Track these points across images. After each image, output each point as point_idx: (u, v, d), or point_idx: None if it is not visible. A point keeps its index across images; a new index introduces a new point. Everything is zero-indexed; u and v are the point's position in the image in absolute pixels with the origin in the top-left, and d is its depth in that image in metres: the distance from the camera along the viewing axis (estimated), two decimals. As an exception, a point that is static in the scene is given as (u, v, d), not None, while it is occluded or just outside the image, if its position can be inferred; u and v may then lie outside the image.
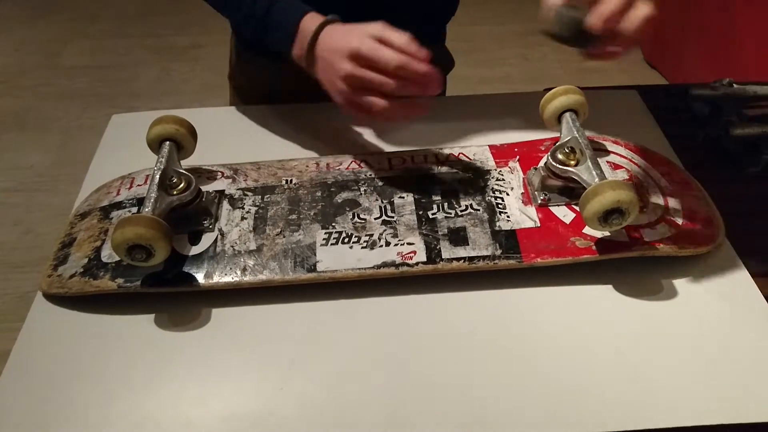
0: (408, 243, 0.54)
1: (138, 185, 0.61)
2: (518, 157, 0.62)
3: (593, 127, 0.63)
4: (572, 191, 0.56)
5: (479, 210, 0.57)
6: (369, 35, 0.52)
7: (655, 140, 0.69)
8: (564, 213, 0.56)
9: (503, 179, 0.60)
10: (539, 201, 0.57)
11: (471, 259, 0.53)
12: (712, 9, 1.81)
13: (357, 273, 0.52)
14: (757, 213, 0.63)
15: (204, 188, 0.59)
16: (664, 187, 0.59)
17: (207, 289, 0.52)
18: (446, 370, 0.48)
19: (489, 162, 0.62)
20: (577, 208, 0.53)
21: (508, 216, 0.56)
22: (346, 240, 0.54)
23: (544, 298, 0.53)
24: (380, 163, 0.62)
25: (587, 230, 0.54)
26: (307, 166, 0.62)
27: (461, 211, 0.56)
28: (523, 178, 0.60)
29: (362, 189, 0.59)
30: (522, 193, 0.58)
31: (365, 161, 0.62)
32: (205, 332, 0.51)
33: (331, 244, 0.54)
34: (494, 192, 0.58)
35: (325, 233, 0.55)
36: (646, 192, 0.58)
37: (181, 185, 0.55)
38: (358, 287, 0.53)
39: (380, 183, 0.60)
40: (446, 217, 0.56)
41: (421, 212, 0.56)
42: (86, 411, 0.46)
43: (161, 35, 2.34)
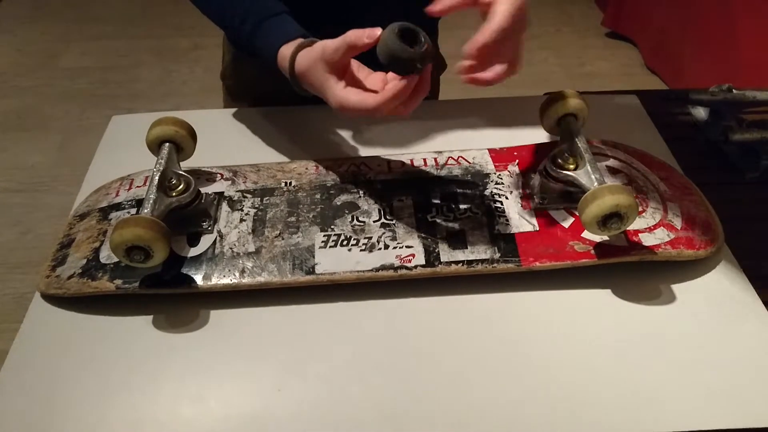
0: (407, 246, 0.54)
1: (137, 186, 0.61)
2: (518, 161, 0.62)
3: (593, 132, 0.63)
4: (571, 195, 0.56)
5: (478, 213, 0.57)
6: (335, 105, 0.51)
7: (655, 145, 0.69)
8: (563, 217, 0.56)
9: (502, 183, 0.60)
10: (538, 205, 0.57)
11: (470, 263, 0.53)
12: (712, 15, 1.81)
13: (355, 275, 0.52)
14: (756, 218, 0.63)
15: (203, 190, 0.58)
16: (663, 192, 0.59)
17: (205, 291, 0.52)
18: (444, 373, 0.48)
19: (488, 165, 0.62)
20: (576, 212, 0.53)
21: (507, 220, 0.56)
22: (345, 242, 0.54)
23: (543, 302, 0.53)
24: (380, 166, 0.62)
25: (586, 234, 0.54)
26: (307, 169, 0.62)
27: (460, 215, 0.56)
28: (522, 182, 0.60)
29: (361, 192, 0.59)
30: (521, 197, 0.58)
31: (365, 164, 0.63)
32: (204, 334, 0.51)
33: (330, 247, 0.54)
34: (493, 195, 0.58)
35: (324, 236, 0.55)
36: (645, 196, 0.58)
37: (180, 187, 0.55)
38: (357, 290, 0.53)
39: (379, 186, 0.60)
40: (445, 221, 0.56)
41: (420, 215, 0.56)
42: (84, 412, 0.46)
43: (162, 37, 2.35)
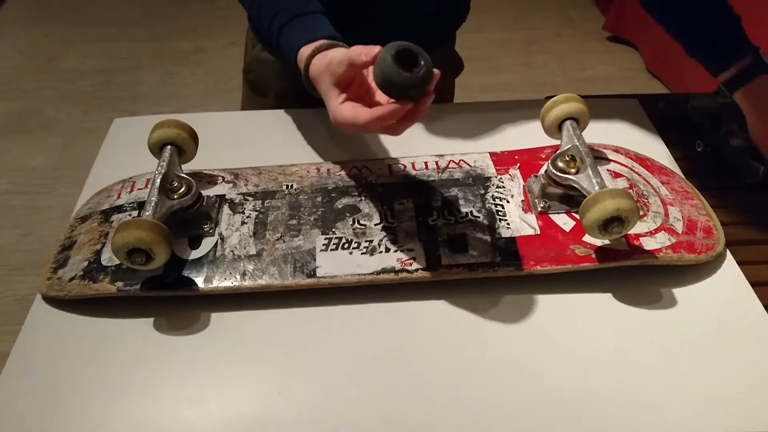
0: (408, 249, 0.54)
1: (139, 189, 0.61)
2: (519, 165, 0.62)
3: (594, 136, 0.63)
4: (572, 199, 0.56)
5: (479, 217, 0.57)
6: (331, 118, 0.50)
7: (656, 149, 0.69)
8: (564, 221, 0.56)
9: (503, 186, 0.60)
10: (539, 209, 0.57)
11: (470, 266, 0.53)
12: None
13: (356, 279, 0.52)
14: (757, 222, 0.63)
15: (204, 192, 0.59)
16: (664, 196, 0.59)
17: (206, 294, 0.52)
18: (445, 377, 0.48)
19: (489, 169, 0.62)
20: (577, 216, 0.53)
21: (508, 223, 0.56)
22: (346, 246, 0.54)
23: (544, 306, 0.53)
24: (381, 170, 0.62)
25: (587, 238, 0.54)
26: (308, 172, 0.62)
27: (461, 218, 0.56)
28: (524, 186, 0.60)
29: (363, 195, 0.59)
30: (522, 201, 0.58)
31: (366, 167, 0.63)
32: (204, 336, 0.51)
33: (331, 250, 0.54)
34: (494, 199, 0.58)
35: (325, 239, 0.55)
36: (646, 201, 0.58)
37: (182, 189, 0.55)
38: (358, 293, 0.53)
39: (380, 189, 0.60)
40: (446, 224, 0.56)
41: (421, 219, 0.56)
42: (85, 414, 0.46)
43: (164, 39, 2.35)
